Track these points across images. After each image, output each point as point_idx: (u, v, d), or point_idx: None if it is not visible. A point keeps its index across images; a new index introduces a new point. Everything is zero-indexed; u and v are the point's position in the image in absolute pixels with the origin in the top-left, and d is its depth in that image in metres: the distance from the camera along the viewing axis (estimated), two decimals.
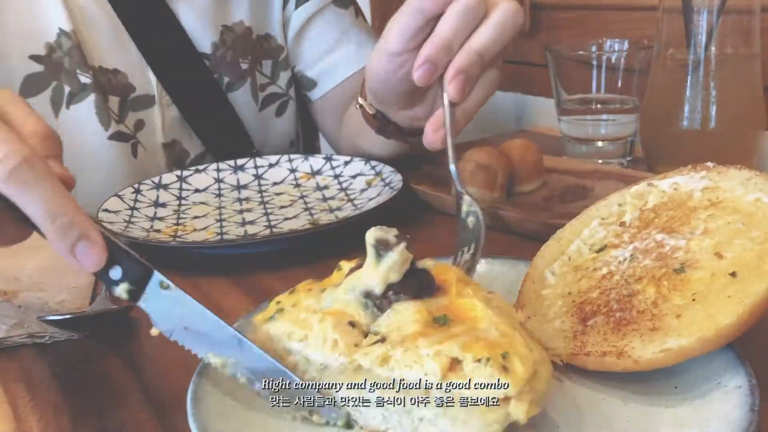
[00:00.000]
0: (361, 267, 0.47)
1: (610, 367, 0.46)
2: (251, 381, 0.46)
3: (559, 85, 0.97)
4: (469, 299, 0.45)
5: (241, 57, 1.05)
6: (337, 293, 0.47)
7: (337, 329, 0.45)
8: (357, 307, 0.46)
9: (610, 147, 0.97)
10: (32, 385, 0.54)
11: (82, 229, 0.46)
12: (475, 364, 0.40)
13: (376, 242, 0.46)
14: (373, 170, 0.91)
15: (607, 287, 0.52)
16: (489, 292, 0.48)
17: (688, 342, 0.44)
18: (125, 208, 0.83)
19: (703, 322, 0.45)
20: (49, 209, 0.45)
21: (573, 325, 0.50)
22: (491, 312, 0.44)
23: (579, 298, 0.52)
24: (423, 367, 0.41)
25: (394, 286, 0.46)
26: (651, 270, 0.51)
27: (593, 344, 0.48)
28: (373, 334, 0.44)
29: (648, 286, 0.50)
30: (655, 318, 0.47)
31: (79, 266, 0.47)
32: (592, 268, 0.54)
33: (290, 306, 0.48)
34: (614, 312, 0.49)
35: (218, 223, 0.82)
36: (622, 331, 0.48)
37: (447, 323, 0.44)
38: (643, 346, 0.46)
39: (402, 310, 0.44)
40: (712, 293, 0.46)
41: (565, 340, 0.49)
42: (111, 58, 0.96)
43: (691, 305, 0.46)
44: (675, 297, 0.48)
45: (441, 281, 0.47)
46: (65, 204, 0.46)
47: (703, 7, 0.78)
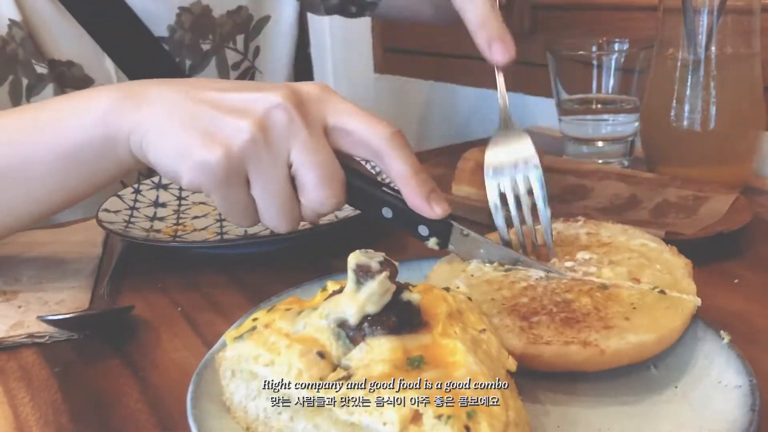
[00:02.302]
0: (342, 291, 0.43)
1: (573, 356, 0.45)
2: None
3: (559, 85, 0.97)
4: (453, 340, 0.41)
5: (201, 38, 1.00)
6: (312, 318, 0.44)
7: (303, 358, 0.41)
8: (330, 336, 0.42)
9: (610, 147, 0.97)
10: (32, 385, 0.54)
11: (433, 184, 0.57)
12: (435, 420, 0.36)
13: (357, 267, 0.42)
14: (373, 170, 0.90)
15: (535, 296, 0.51)
16: (483, 330, 0.44)
17: (649, 338, 0.46)
18: (125, 208, 0.83)
19: (652, 324, 0.46)
20: (414, 164, 0.55)
21: (514, 321, 0.48)
22: (472, 359, 0.40)
23: (508, 303, 0.50)
24: (382, 414, 0.37)
25: (371, 318, 0.41)
26: (575, 285, 0.52)
27: (550, 336, 0.46)
28: (343, 368, 0.41)
29: (581, 296, 0.50)
30: (603, 319, 0.47)
31: (430, 213, 0.56)
32: (509, 281, 0.53)
33: (263, 326, 0.45)
34: (556, 313, 0.48)
35: (218, 223, 0.82)
36: (574, 327, 0.47)
37: (421, 366, 0.39)
38: (604, 339, 0.45)
39: (376, 347, 0.40)
40: (647, 305, 0.49)
41: (512, 334, 0.46)
42: (64, 50, 0.92)
43: (634, 312, 0.48)
44: (613, 306, 0.49)
45: (430, 315, 0.43)
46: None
47: (703, 7, 0.78)
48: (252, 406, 0.44)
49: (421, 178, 0.55)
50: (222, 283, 0.70)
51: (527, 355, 0.45)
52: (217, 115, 0.55)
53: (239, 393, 0.44)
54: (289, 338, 0.43)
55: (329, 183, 0.55)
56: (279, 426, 0.42)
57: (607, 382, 0.47)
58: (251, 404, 0.44)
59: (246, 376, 0.44)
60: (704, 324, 0.50)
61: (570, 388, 0.47)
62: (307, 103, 0.56)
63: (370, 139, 0.56)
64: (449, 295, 0.46)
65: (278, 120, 0.54)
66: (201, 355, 0.50)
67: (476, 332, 0.43)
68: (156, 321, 0.63)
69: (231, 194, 0.56)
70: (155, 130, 0.57)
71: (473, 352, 0.41)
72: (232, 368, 0.45)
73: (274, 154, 0.55)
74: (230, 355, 0.45)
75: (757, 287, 0.63)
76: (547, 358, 0.45)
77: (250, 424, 0.44)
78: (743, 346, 0.47)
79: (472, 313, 0.46)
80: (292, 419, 0.42)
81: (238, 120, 0.54)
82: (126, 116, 0.59)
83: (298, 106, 0.55)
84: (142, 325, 0.62)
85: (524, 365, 0.44)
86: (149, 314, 0.64)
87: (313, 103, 0.56)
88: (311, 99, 0.56)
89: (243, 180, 0.56)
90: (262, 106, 0.55)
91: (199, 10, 0.99)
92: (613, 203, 0.79)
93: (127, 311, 0.62)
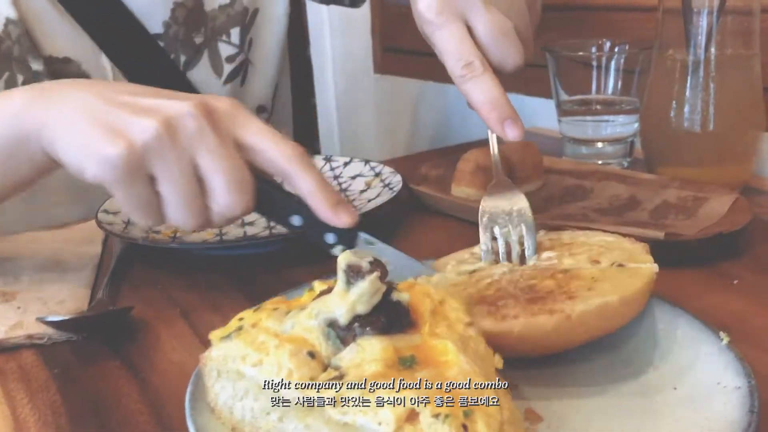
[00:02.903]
0: (331, 291, 0.43)
1: (542, 326, 0.46)
2: None
3: (558, 86, 0.97)
4: (443, 340, 0.41)
5: (194, 32, 1.00)
6: (301, 317, 0.43)
7: (293, 358, 0.41)
8: (319, 335, 0.42)
9: (610, 148, 0.97)
10: (31, 386, 0.54)
11: (339, 196, 0.58)
12: (432, 419, 0.36)
13: (348, 268, 0.42)
14: (372, 171, 0.91)
15: (500, 287, 0.52)
16: (469, 323, 0.44)
17: (612, 299, 0.47)
18: None
19: (614, 289, 0.48)
20: (320, 180, 0.57)
21: (482, 308, 0.49)
22: (464, 358, 0.40)
23: (475, 297, 0.51)
24: (377, 414, 0.37)
25: (361, 318, 0.41)
26: (538, 273, 0.53)
27: (517, 312, 0.47)
28: (333, 368, 0.41)
29: (544, 280, 0.51)
30: (567, 293, 0.48)
31: (337, 221, 0.56)
32: (474, 280, 0.54)
33: (250, 325, 0.45)
34: (521, 296, 0.49)
35: None
36: (538, 304, 0.48)
37: (413, 366, 0.39)
38: (570, 306, 0.46)
39: (366, 347, 0.40)
40: (609, 278, 0.50)
41: (480, 317, 0.47)
42: (60, 47, 0.93)
43: (596, 283, 0.49)
44: (575, 282, 0.50)
45: (417, 314, 0.43)
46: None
47: (702, 8, 0.78)
48: (238, 406, 0.43)
49: (327, 191, 0.57)
50: (221, 284, 0.70)
51: (498, 335, 0.46)
52: (124, 114, 0.55)
53: (225, 393, 0.44)
54: (278, 338, 0.43)
55: (238, 188, 0.56)
56: (267, 427, 0.42)
57: (606, 383, 0.47)
58: (237, 404, 0.44)
59: (233, 376, 0.43)
60: (703, 325, 0.50)
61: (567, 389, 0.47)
62: (216, 115, 0.56)
63: (277, 159, 0.56)
64: (430, 287, 0.46)
65: (187, 126, 0.55)
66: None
67: (462, 327, 0.43)
68: (155, 322, 0.63)
69: (134, 189, 0.56)
70: (63, 127, 0.58)
71: (463, 351, 0.41)
72: (218, 368, 0.44)
73: (179, 152, 0.55)
74: (216, 355, 0.44)
75: (756, 288, 0.63)
76: (517, 333, 0.46)
77: (235, 424, 0.44)
78: (742, 348, 0.47)
79: (454, 301, 0.46)
80: (281, 419, 0.41)
81: (145, 119, 0.55)
82: (36, 114, 0.59)
83: (208, 116, 0.56)
84: (142, 325, 0.62)
85: (497, 347, 0.43)
86: (148, 315, 0.64)
87: (224, 117, 0.57)
88: (222, 112, 0.57)
89: (145, 176, 0.55)
90: (173, 111, 0.55)
91: (192, 3, 1.00)
92: (613, 204, 0.79)
93: (127, 312, 0.62)
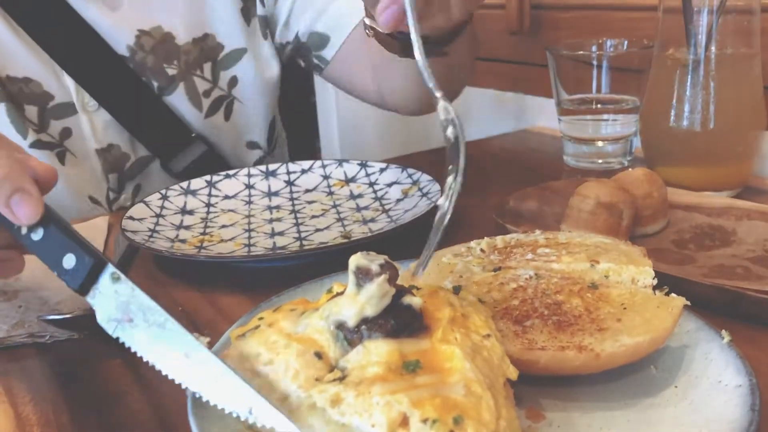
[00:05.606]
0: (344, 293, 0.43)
1: (570, 361, 0.45)
2: None
3: (559, 85, 0.97)
4: (451, 346, 0.41)
5: (165, 63, 1.00)
6: (313, 318, 0.44)
7: (300, 358, 0.41)
8: (328, 336, 0.42)
9: (610, 147, 0.97)
10: (32, 384, 0.54)
11: (17, 183, 0.48)
12: (421, 424, 0.36)
13: (357, 270, 0.42)
14: (410, 178, 0.87)
15: (525, 298, 0.51)
16: (487, 336, 0.43)
17: (643, 339, 0.46)
18: (151, 216, 0.82)
19: (644, 325, 0.47)
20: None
21: (508, 326, 0.48)
22: (469, 365, 0.39)
23: (500, 305, 0.50)
24: (371, 417, 0.37)
25: (369, 321, 0.41)
26: (566, 285, 0.52)
27: (544, 341, 0.46)
28: (339, 369, 0.41)
29: (571, 297, 0.50)
30: (596, 321, 0.48)
31: (14, 219, 0.48)
32: (498, 282, 0.53)
33: (266, 325, 0.45)
34: (548, 317, 0.48)
35: (246, 233, 0.80)
36: (567, 330, 0.47)
37: (416, 370, 0.39)
38: (599, 342, 0.46)
39: (372, 349, 0.40)
40: (638, 304, 0.49)
41: (506, 340, 0.46)
42: (19, 67, 0.92)
43: (625, 313, 0.48)
44: (604, 306, 0.49)
45: (432, 319, 0.43)
46: None
47: (703, 7, 0.78)
48: None
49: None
50: (222, 283, 0.70)
51: (524, 361, 0.45)
52: None
53: None
54: (289, 338, 0.43)
55: None
56: None
57: (607, 383, 0.47)
58: None
59: (248, 375, 0.44)
60: (704, 324, 0.50)
61: (569, 389, 0.47)
62: None
63: None
64: (456, 298, 0.46)
65: None
66: None
67: (479, 338, 0.43)
68: None
69: None
70: None
71: (471, 358, 0.40)
72: (235, 366, 0.45)
73: None
74: (234, 354, 0.45)
75: None
76: (544, 363, 0.45)
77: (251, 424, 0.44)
78: (743, 346, 0.47)
79: (479, 316, 0.45)
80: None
81: None
82: None
83: None
84: None
85: (521, 370, 0.44)
86: None
87: None
88: None
89: None
90: None
91: (161, 35, 0.99)
92: None
93: None
